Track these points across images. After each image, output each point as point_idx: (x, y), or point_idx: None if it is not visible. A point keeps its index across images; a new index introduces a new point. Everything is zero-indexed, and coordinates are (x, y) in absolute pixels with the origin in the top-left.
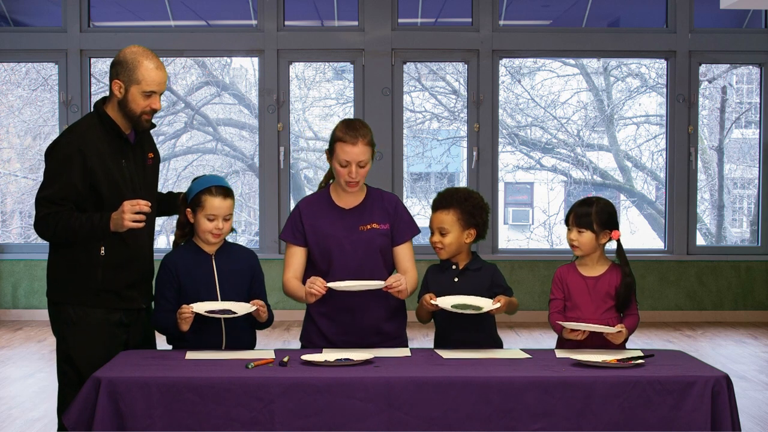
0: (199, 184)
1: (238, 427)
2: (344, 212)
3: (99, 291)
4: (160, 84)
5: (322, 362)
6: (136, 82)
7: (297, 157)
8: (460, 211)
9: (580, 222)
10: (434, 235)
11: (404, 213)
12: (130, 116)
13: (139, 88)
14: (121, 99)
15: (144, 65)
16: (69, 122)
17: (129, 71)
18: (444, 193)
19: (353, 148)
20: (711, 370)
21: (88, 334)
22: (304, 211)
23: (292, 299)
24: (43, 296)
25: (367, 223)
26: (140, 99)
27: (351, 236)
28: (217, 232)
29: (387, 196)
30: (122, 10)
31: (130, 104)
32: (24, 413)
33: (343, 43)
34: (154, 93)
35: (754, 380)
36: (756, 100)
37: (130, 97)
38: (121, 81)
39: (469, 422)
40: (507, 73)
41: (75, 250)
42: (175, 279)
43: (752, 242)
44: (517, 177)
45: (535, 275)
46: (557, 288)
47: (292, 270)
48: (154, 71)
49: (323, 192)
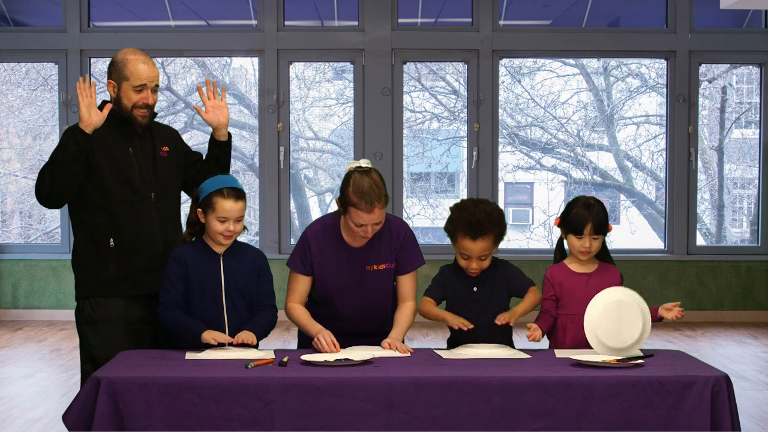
0: (210, 184)
1: (238, 427)
2: (352, 251)
3: (114, 279)
4: (149, 78)
5: (321, 362)
6: (125, 78)
7: (297, 157)
8: (494, 235)
9: (599, 230)
10: (472, 261)
11: (411, 244)
12: (124, 112)
13: (129, 84)
14: (115, 97)
15: (131, 61)
16: (69, 122)
17: (119, 70)
18: (479, 220)
19: (369, 215)
20: (711, 370)
21: (108, 332)
22: (312, 242)
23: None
24: (43, 296)
25: (374, 263)
26: (131, 94)
27: (357, 277)
28: (228, 234)
29: (395, 227)
30: (122, 10)
31: (122, 100)
32: (24, 413)
33: (343, 43)
34: (145, 87)
35: (754, 380)
36: (756, 100)
37: (122, 93)
38: (113, 80)
39: (469, 422)
40: (507, 73)
41: (86, 246)
42: (184, 274)
43: (752, 242)
44: (517, 177)
45: (535, 275)
46: (546, 288)
47: (297, 296)
48: (141, 65)
49: (331, 222)
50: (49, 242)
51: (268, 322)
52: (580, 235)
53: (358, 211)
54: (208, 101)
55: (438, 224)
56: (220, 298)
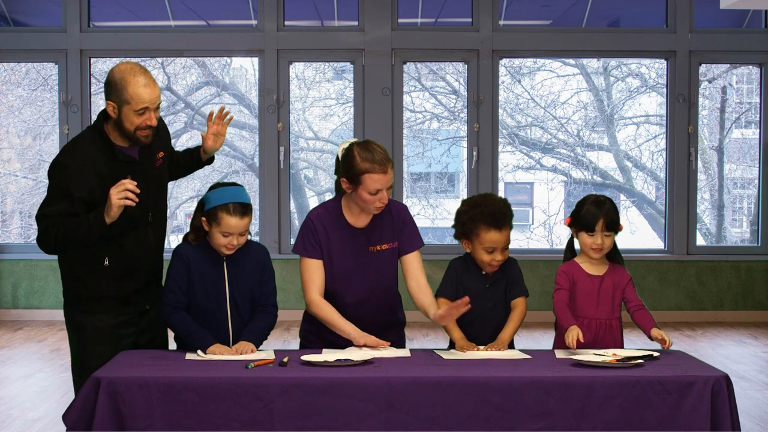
0: (217, 197)
1: (238, 427)
2: (355, 231)
3: (103, 298)
4: (150, 101)
5: (321, 362)
6: (126, 102)
7: (297, 157)
8: (510, 226)
9: (611, 226)
10: (497, 254)
11: (411, 224)
12: (127, 134)
13: (131, 108)
14: (115, 119)
15: (132, 84)
16: (69, 122)
17: (118, 92)
18: (500, 209)
19: (384, 176)
20: (711, 370)
21: (96, 337)
22: (317, 224)
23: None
24: (43, 296)
25: (377, 243)
26: (133, 117)
27: (361, 259)
28: (231, 247)
29: (395, 208)
30: (122, 10)
31: (124, 123)
32: (24, 413)
33: (343, 43)
34: (147, 109)
35: (754, 380)
36: (756, 100)
37: (123, 116)
38: (113, 102)
39: (469, 422)
40: (507, 73)
41: (79, 262)
42: (187, 272)
43: (752, 242)
44: (517, 177)
45: (535, 275)
46: (563, 279)
47: (316, 287)
48: (142, 89)
49: (333, 206)
50: None
51: (267, 325)
52: (591, 232)
53: (373, 175)
54: (212, 126)
55: (438, 224)
56: (224, 300)
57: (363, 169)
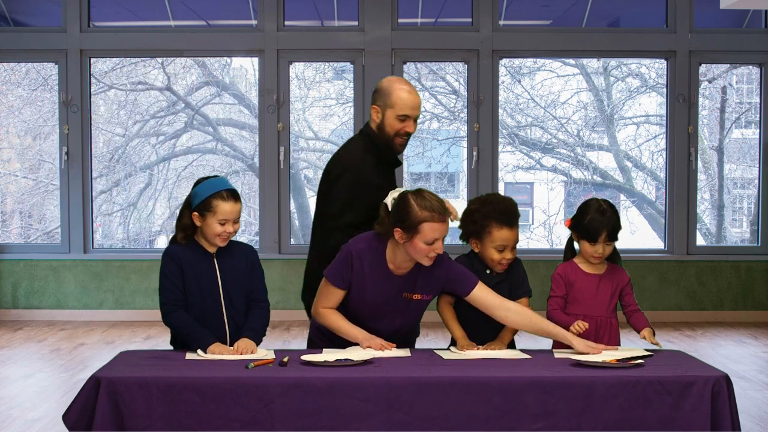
0: (206, 188)
1: (238, 427)
2: (393, 277)
3: None
4: (413, 108)
5: (321, 362)
6: (390, 106)
7: (297, 157)
8: (518, 224)
9: (613, 237)
10: (508, 252)
11: (455, 266)
12: (386, 138)
13: (394, 112)
14: (378, 123)
15: (397, 90)
16: (69, 122)
17: (384, 96)
18: (510, 207)
19: (442, 225)
20: (711, 370)
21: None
22: (355, 260)
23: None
24: (43, 296)
25: (412, 292)
26: (395, 122)
27: (392, 303)
28: (226, 235)
29: (438, 261)
30: (122, 10)
31: (386, 127)
32: (24, 413)
33: (343, 43)
34: (408, 117)
35: (754, 380)
36: (756, 100)
37: (386, 120)
38: (378, 106)
39: (469, 422)
40: (507, 73)
41: None
42: (179, 271)
43: (752, 242)
44: (517, 177)
45: (535, 275)
46: (558, 285)
47: (329, 305)
48: (406, 94)
49: (377, 246)
50: (49, 242)
51: (263, 322)
52: (594, 242)
53: (433, 224)
54: None
55: None
56: (218, 296)
57: (421, 218)
